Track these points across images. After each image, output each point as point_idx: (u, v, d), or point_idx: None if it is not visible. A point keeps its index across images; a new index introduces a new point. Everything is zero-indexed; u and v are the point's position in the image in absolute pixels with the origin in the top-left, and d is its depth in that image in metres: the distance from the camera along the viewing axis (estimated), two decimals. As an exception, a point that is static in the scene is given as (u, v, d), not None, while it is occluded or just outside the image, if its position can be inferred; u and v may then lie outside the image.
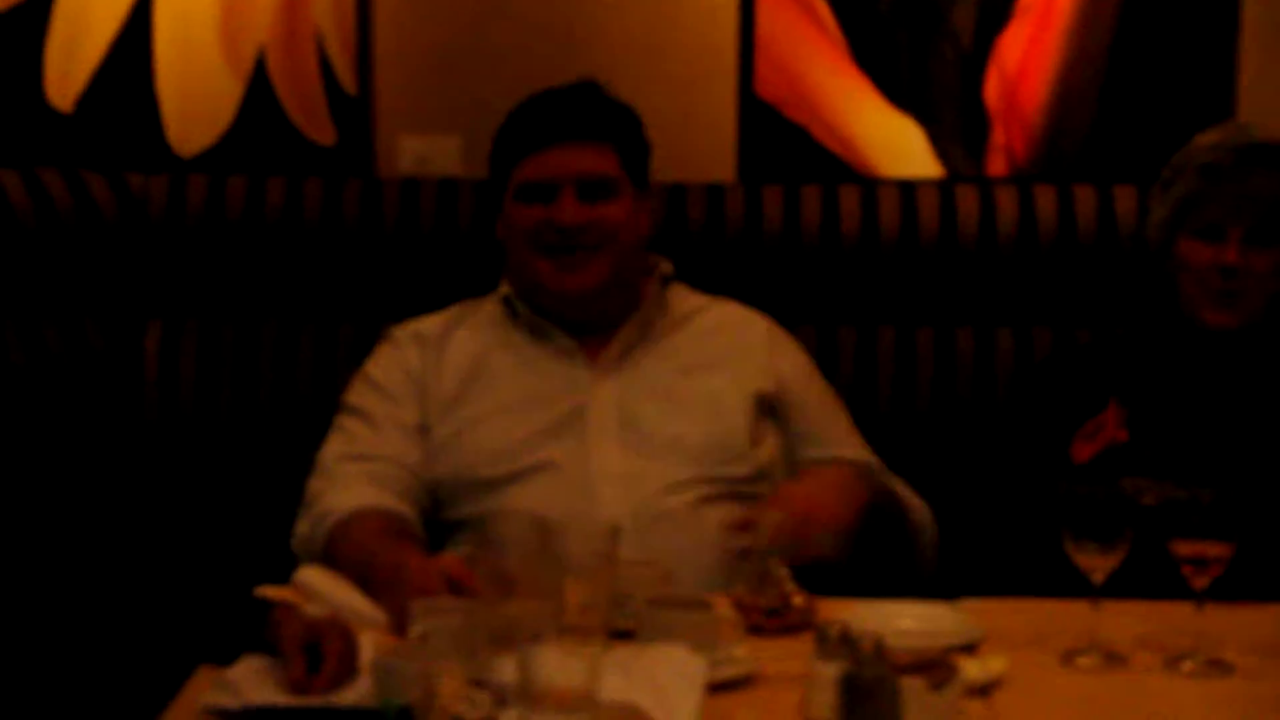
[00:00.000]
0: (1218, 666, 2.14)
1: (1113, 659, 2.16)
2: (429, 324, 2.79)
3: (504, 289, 2.78)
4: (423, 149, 3.36)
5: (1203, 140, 2.72)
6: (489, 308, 2.80)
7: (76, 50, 3.34)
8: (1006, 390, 3.06)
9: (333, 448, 2.66)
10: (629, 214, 2.71)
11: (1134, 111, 3.28)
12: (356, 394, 2.73)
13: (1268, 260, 2.65)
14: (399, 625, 2.15)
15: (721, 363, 2.74)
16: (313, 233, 3.16)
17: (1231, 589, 2.18)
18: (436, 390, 2.71)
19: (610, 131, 2.72)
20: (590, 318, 2.72)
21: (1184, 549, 2.15)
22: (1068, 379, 2.75)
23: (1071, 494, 2.18)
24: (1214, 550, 2.14)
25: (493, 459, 2.63)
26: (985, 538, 2.71)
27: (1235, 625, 2.22)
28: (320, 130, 3.37)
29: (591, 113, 2.72)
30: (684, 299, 2.82)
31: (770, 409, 2.73)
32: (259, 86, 3.35)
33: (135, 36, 3.33)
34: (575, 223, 2.65)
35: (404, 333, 2.79)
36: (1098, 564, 2.15)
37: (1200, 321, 2.67)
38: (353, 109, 3.36)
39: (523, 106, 2.75)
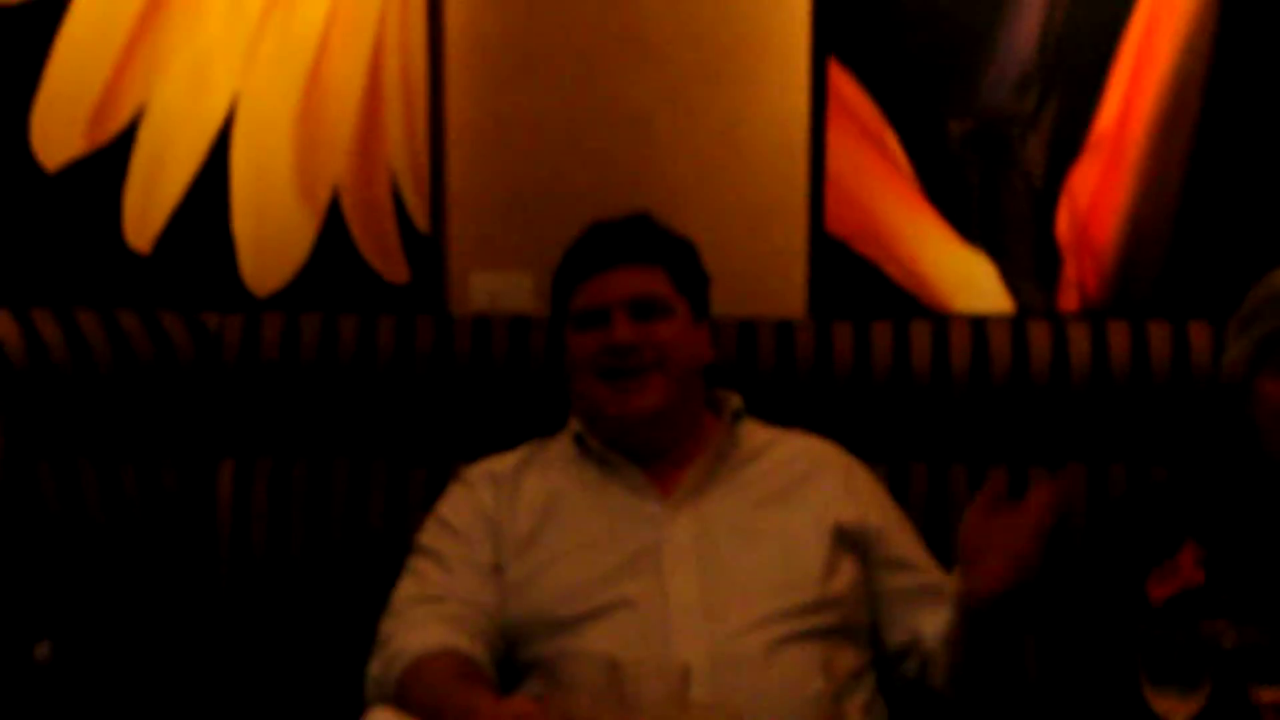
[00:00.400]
0: (1302, 817, 2.11)
1: (1195, 808, 2.14)
2: (502, 464, 2.81)
3: (574, 426, 2.79)
4: (495, 286, 3.39)
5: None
6: (560, 445, 2.81)
7: (155, 191, 3.38)
8: (1082, 529, 3.03)
9: (405, 589, 2.67)
10: (683, 333, 2.73)
11: (1208, 247, 3.28)
12: (429, 535, 2.74)
13: None
14: (472, 771, 2.15)
15: (796, 494, 2.74)
16: (386, 371, 3.17)
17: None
18: (511, 530, 2.71)
19: (660, 255, 2.76)
20: (655, 442, 2.73)
21: (1265, 695, 2.12)
22: (1143, 518, 2.72)
23: (1150, 636, 2.15)
24: (1295, 696, 2.12)
25: (568, 598, 2.63)
26: (1066, 680, 2.69)
27: (1319, 772, 2.20)
28: (394, 268, 3.40)
29: (641, 238, 2.77)
30: (755, 433, 2.83)
31: (850, 541, 2.71)
32: (333, 225, 3.39)
33: (212, 177, 3.38)
34: (628, 341, 2.67)
35: (477, 473, 2.80)
36: (1177, 710, 2.12)
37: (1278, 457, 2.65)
38: (426, 247, 3.39)
39: (577, 240, 2.81)
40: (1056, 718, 2.62)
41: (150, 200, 3.38)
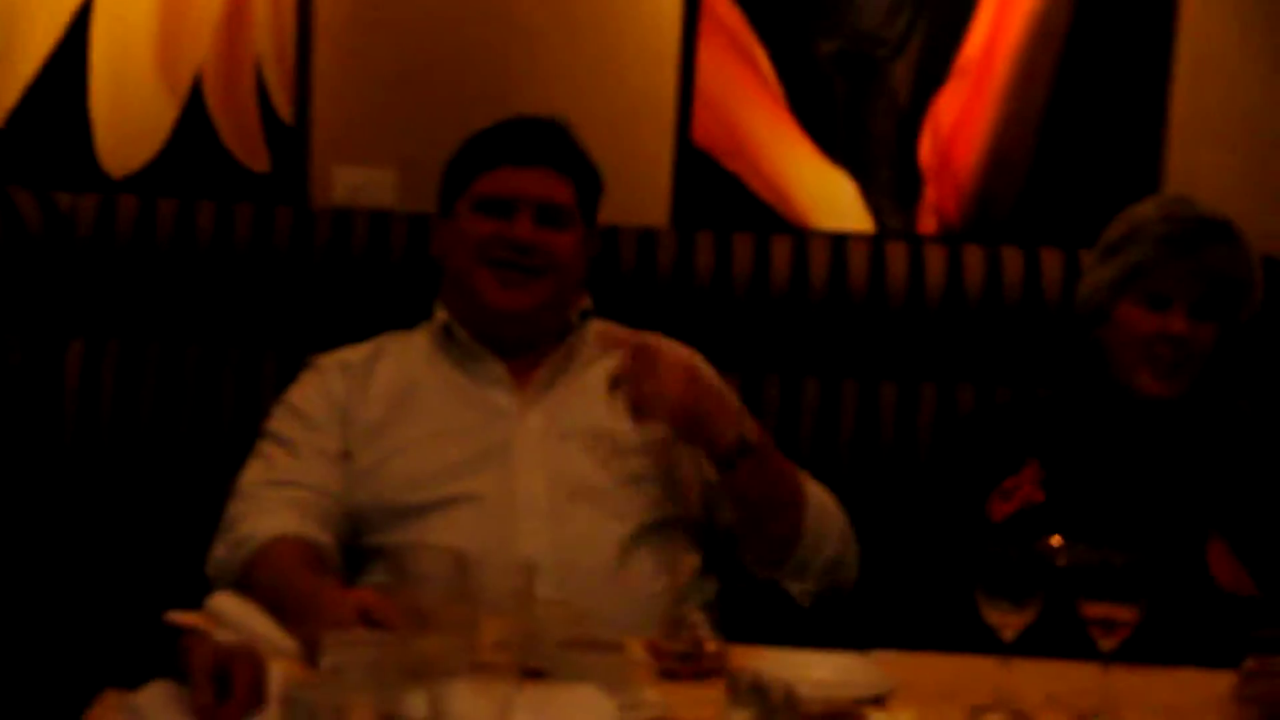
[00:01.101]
0: (1123, 728, 2.17)
1: (1020, 717, 2.16)
2: (354, 353, 2.80)
3: (440, 315, 2.78)
4: (357, 180, 3.37)
5: (1149, 210, 2.75)
6: (419, 337, 2.81)
7: (9, 64, 3.33)
8: (928, 445, 3.09)
9: (253, 473, 2.65)
10: (576, 246, 2.75)
11: (1063, 177, 3.33)
12: (278, 420, 2.72)
13: (1208, 332, 2.69)
14: (311, 656, 2.15)
15: None
16: (242, 259, 3.15)
17: (1137, 652, 2.20)
18: (360, 417, 2.71)
19: (573, 168, 2.77)
20: (521, 339, 2.74)
21: (1093, 611, 2.16)
22: (988, 437, 2.78)
23: (986, 552, 2.19)
24: (1122, 613, 2.15)
25: (414, 486, 2.63)
26: (899, 590, 2.73)
27: (1140, 687, 2.24)
28: (254, 157, 3.37)
29: (561, 146, 2.78)
30: (600, 330, 2.82)
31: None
32: (194, 109, 3.35)
33: (70, 53, 3.32)
34: (529, 240, 2.68)
35: (329, 361, 2.79)
36: (1009, 622, 2.16)
37: (1135, 388, 2.70)
38: (288, 137, 3.36)
39: (496, 125, 2.80)
40: (894, 629, 2.66)
41: (3, 74, 3.33)
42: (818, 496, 2.65)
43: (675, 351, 2.53)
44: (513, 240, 2.69)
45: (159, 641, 2.06)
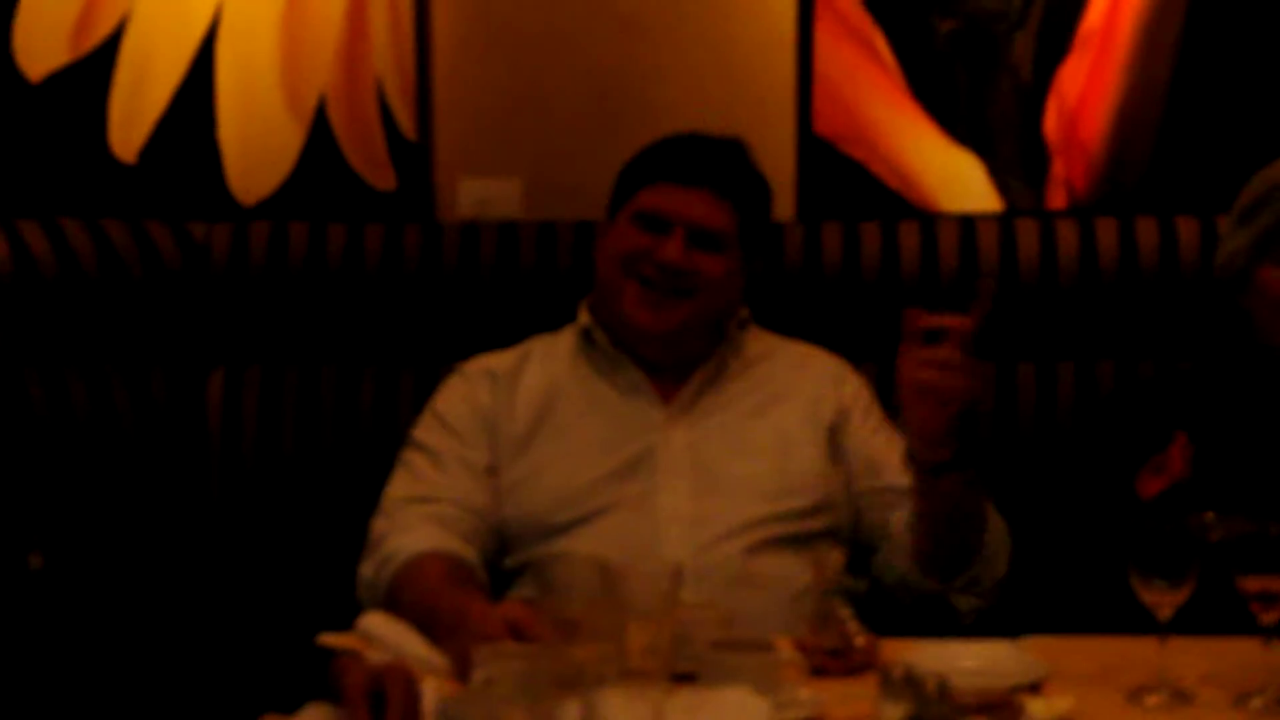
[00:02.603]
0: (1290, 704, 2.13)
1: (1180, 697, 2.14)
2: (500, 360, 2.80)
3: (583, 318, 2.79)
4: (482, 192, 3.38)
5: None
6: (563, 341, 2.81)
7: (140, 100, 3.37)
8: (1069, 425, 3.05)
9: (398, 488, 2.67)
10: (727, 273, 2.72)
11: (1194, 143, 3.28)
12: (424, 430, 2.74)
13: None
14: (462, 671, 2.15)
15: (790, 398, 2.76)
16: (374, 278, 3.17)
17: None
18: (508, 430, 2.72)
19: (738, 191, 2.75)
20: (662, 359, 2.74)
21: (1252, 584, 2.13)
22: (1133, 414, 2.74)
23: (1139, 529, 2.16)
24: (1281, 585, 2.13)
25: (561, 504, 2.64)
26: (1051, 573, 2.70)
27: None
28: (380, 176, 3.39)
29: (729, 168, 2.75)
30: (758, 341, 2.84)
31: (834, 438, 2.74)
32: (320, 133, 3.38)
33: (197, 85, 3.37)
34: (676, 263, 2.67)
35: (475, 368, 2.80)
36: (1164, 600, 2.13)
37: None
38: (412, 154, 3.38)
39: (673, 138, 2.79)
40: (1047, 614, 2.64)
41: (135, 109, 3.38)
42: (995, 515, 2.63)
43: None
44: (660, 260, 2.67)
45: (313, 665, 2.08)
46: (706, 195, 2.70)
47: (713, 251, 2.70)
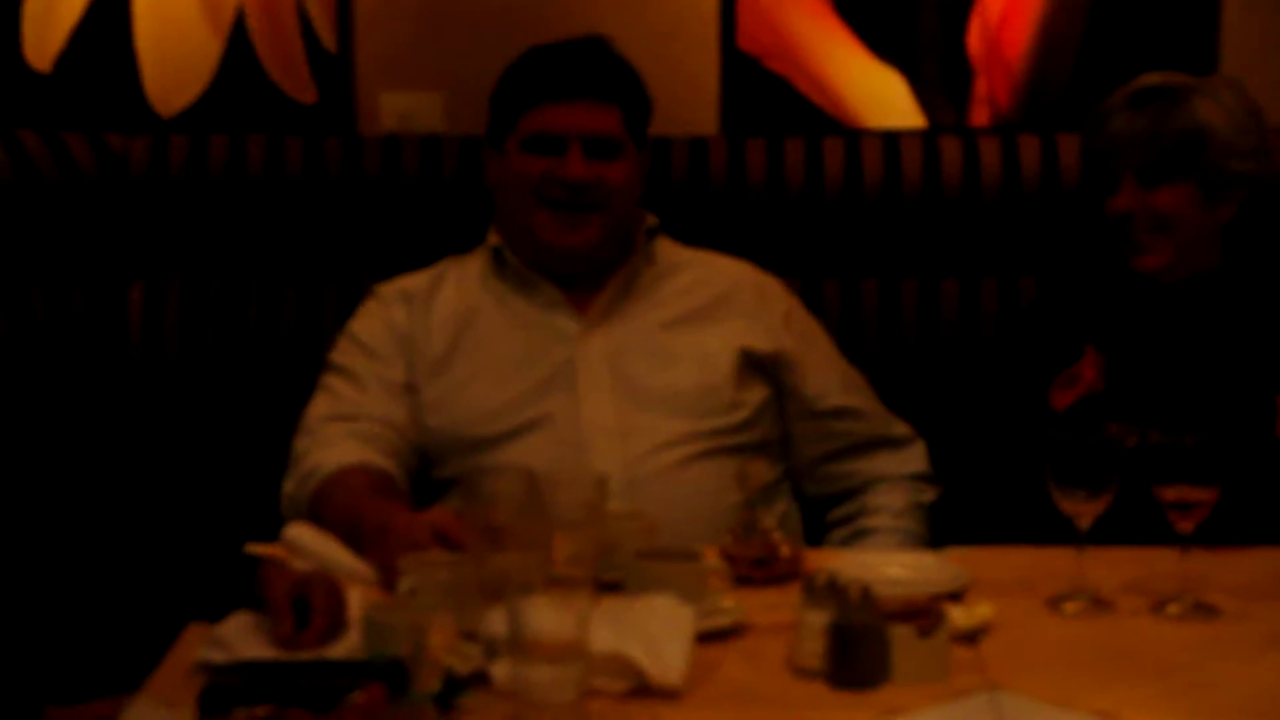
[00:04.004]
0: (1203, 610, 2.16)
1: (1099, 604, 2.18)
2: (415, 281, 2.80)
3: (493, 240, 2.78)
4: (404, 106, 3.36)
5: (1118, 95, 2.72)
6: (475, 261, 2.81)
7: (54, 7, 3.32)
8: (990, 340, 3.07)
9: (318, 407, 2.67)
10: (630, 174, 2.73)
11: (1117, 58, 3.27)
12: (341, 353, 2.74)
13: (1168, 199, 2.65)
14: (387, 580, 2.16)
15: (709, 316, 2.77)
16: (295, 191, 3.15)
17: (1215, 533, 2.20)
18: (425, 348, 2.72)
19: (619, 92, 2.74)
20: (581, 270, 2.74)
21: (1169, 494, 2.17)
22: (1047, 328, 2.77)
23: (1058, 440, 2.19)
24: (1198, 494, 2.16)
25: (485, 418, 2.65)
26: (971, 486, 2.73)
27: (1220, 568, 2.25)
28: (301, 88, 3.37)
29: (604, 71, 2.74)
30: (669, 252, 2.84)
31: (763, 366, 2.75)
32: (239, 45, 3.35)
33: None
34: (581, 179, 2.67)
35: (390, 290, 2.80)
36: (1083, 510, 2.17)
37: (1134, 268, 2.69)
38: (333, 67, 3.35)
39: (535, 56, 2.76)
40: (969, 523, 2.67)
41: (49, 17, 3.33)
42: None
43: None
44: (565, 179, 2.67)
45: (239, 574, 2.09)
46: (590, 104, 2.70)
47: (611, 158, 2.70)
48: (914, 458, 2.83)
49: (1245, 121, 2.69)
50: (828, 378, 2.80)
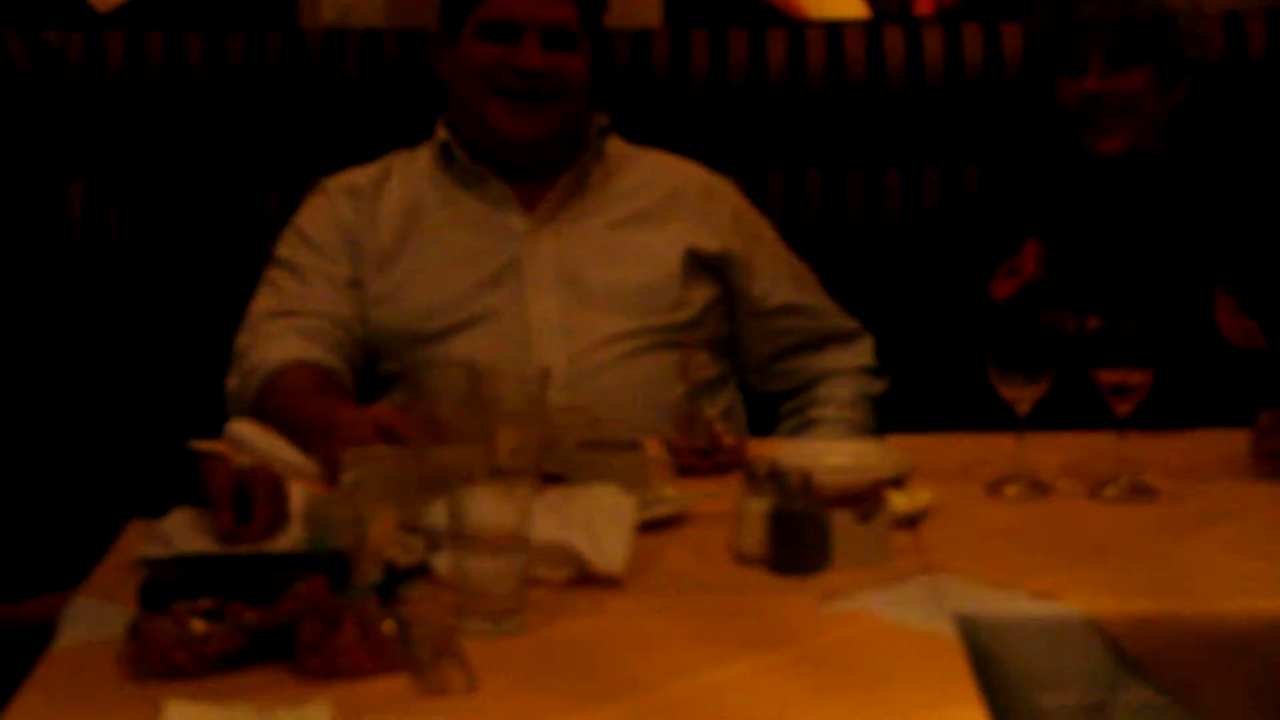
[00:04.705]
0: (1140, 491, 2.20)
1: (1038, 488, 2.22)
2: (361, 175, 2.80)
3: (441, 134, 2.77)
4: (348, 1, 3.33)
5: None
6: (422, 156, 2.81)
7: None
8: (932, 229, 3.08)
9: (261, 303, 2.68)
10: (584, 67, 2.72)
11: None
12: (286, 247, 2.74)
13: (1134, 80, 2.67)
14: (330, 475, 2.18)
15: (656, 216, 2.77)
16: (235, 86, 3.13)
17: (1153, 416, 2.23)
18: (371, 243, 2.72)
19: None
20: (531, 165, 2.74)
21: (1107, 377, 2.20)
22: (988, 218, 2.79)
23: (996, 327, 2.22)
24: (1135, 378, 2.19)
25: (430, 313, 2.66)
26: (913, 373, 2.76)
27: (1156, 451, 2.28)
28: (241, -19, 3.34)
29: None
30: (619, 151, 2.84)
31: (710, 266, 2.76)
32: (178, -62, 3.32)
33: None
34: (537, 68, 2.65)
35: (336, 184, 2.79)
36: (1023, 395, 2.20)
37: (1092, 151, 2.70)
38: (274, -41, 3.33)
39: None
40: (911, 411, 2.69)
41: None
42: None
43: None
44: (521, 67, 2.66)
45: (182, 470, 2.09)
46: None
47: (567, 49, 2.69)
48: (862, 351, 2.84)
49: (1196, 7, 2.72)
50: (775, 276, 2.81)
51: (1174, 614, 1.88)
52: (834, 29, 3.17)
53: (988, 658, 1.82)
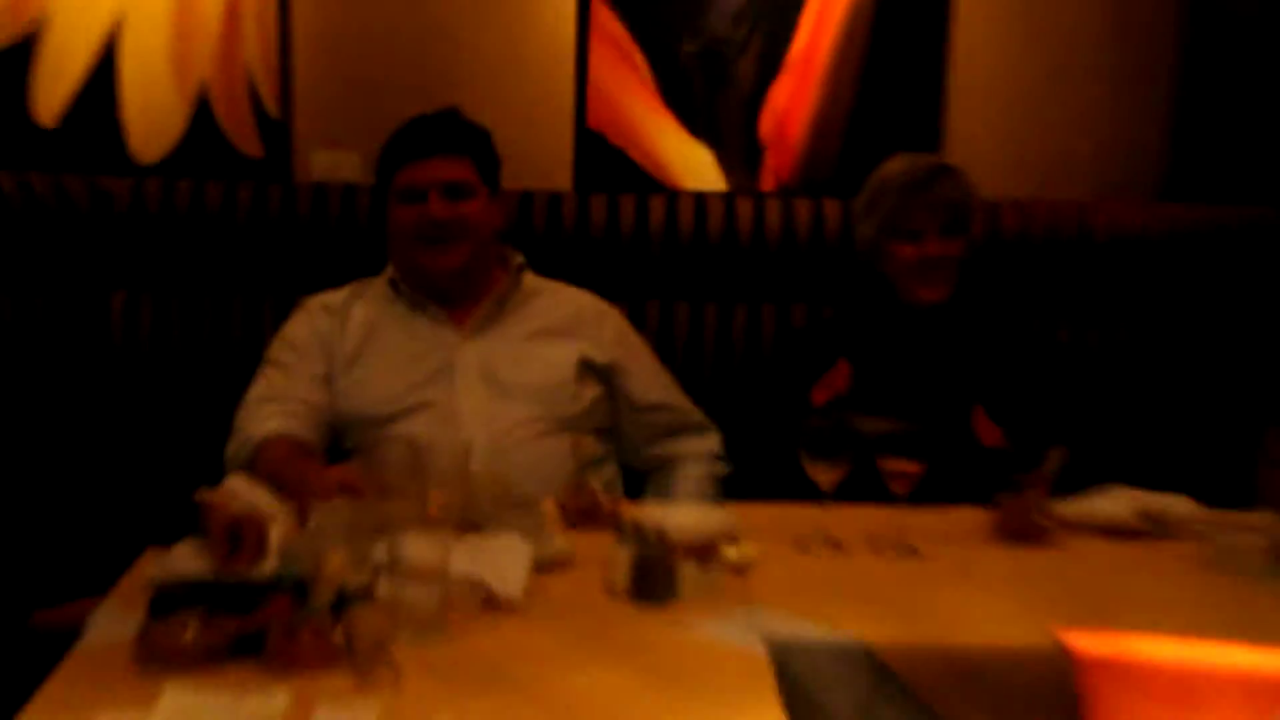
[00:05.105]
0: (909, 551, 2.23)
1: (835, 546, 2.25)
2: (333, 297, 2.79)
3: (389, 272, 2.78)
4: (330, 161, 3.35)
5: (892, 167, 2.76)
6: (378, 285, 2.80)
7: (58, 78, 3.30)
8: (772, 353, 3.10)
9: (255, 390, 2.67)
10: (482, 210, 2.70)
11: (871, 143, 3.32)
12: (275, 350, 2.74)
13: (956, 247, 2.72)
14: (301, 520, 2.16)
15: (558, 332, 2.77)
16: (244, 226, 3.13)
17: (923, 496, 2.28)
18: (340, 349, 2.72)
19: (467, 147, 2.71)
20: (455, 290, 2.73)
21: (889, 465, 2.24)
22: (811, 344, 2.80)
23: (809, 425, 2.25)
24: (910, 467, 2.24)
25: (382, 402, 2.66)
26: (748, 458, 2.77)
27: (925, 522, 2.31)
28: (250, 145, 3.35)
29: (453, 132, 2.71)
30: (531, 281, 2.83)
31: (597, 371, 2.76)
32: (202, 111, 3.33)
33: (104, 69, 3.30)
34: (442, 218, 2.65)
35: (314, 303, 2.79)
36: (826, 477, 2.23)
37: (915, 300, 2.72)
38: (275, 129, 3.35)
39: (400, 129, 2.73)
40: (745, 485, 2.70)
41: (55, 84, 3.31)
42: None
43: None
44: (430, 220, 2.65)
45: (190, 513, 2.08)
46: (442, 158, 2.67)
47: (466, 198, 2.68)
48: (711, 441, 2.84)
49: (977, 194, 2.77)
50: (648, 382, 2.82)
51: (930, 643, 1.90)
52: (700, 197, 3.20)
53: (787, 672, 1.83)
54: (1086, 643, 1.29)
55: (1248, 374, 3.08)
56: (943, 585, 2.11)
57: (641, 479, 2.82)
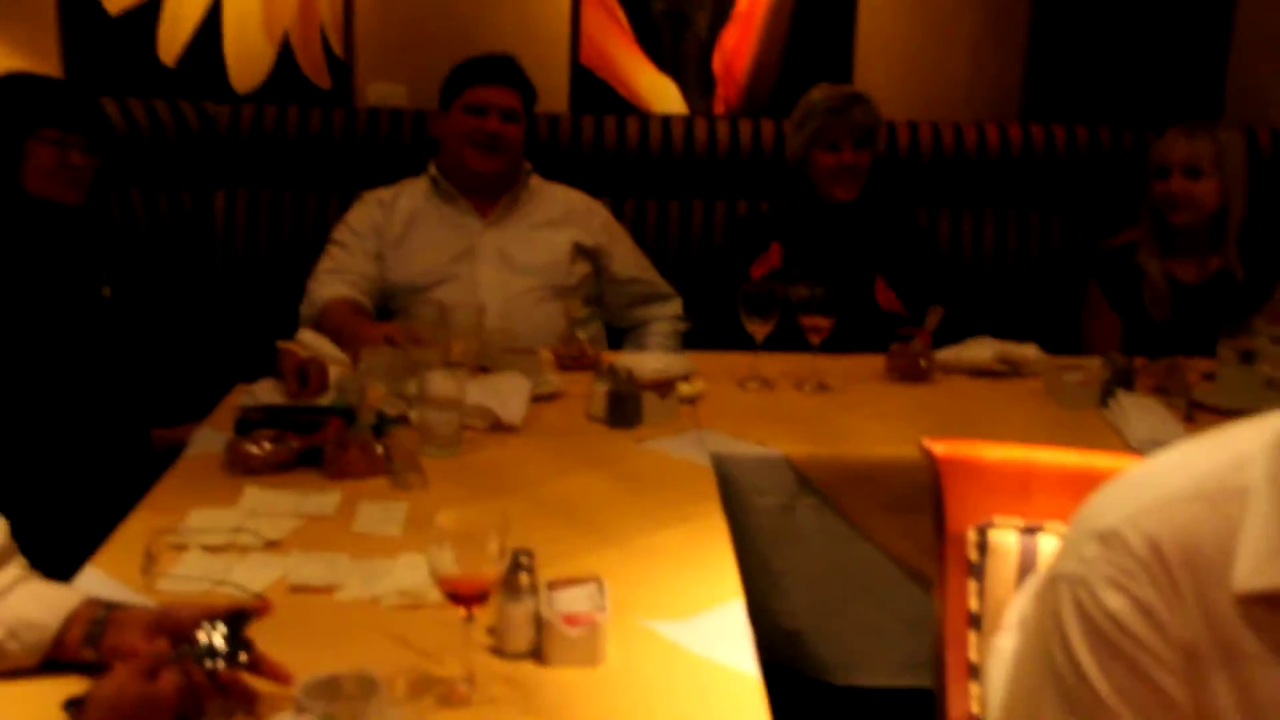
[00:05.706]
0: (822, 387, 2.21)
1: (766, 384, 2.22)
2: (385, 193, 2.71)
3: (432, 171, 2.69)
4: (383, 91, 3.21)
5: (817, 94, 2.69)
6: (420, 183, 2.72)
7: (177, 28, 3.15)
8: (720, 239, 3.03)
9: (323, 264, 2.61)
10: (522, 133, 2.65)
11: (798, 77, 3.18)
12: (339, 232, 2.67)
13: (866, 157, 2.66)
14: (354, 362, 2.13)
15: (557, 222, 2.70)
16: (315, 140, 3.03)
17: (832, 346, 2.24)
18: (388, 233, 2.64)
19: (521, 84, 2.65)
20: (485, 187, 2.66)
21: (807, 321, 2.20)
22: (752, 230, 2.75)
23: (748, 291, 2.21)
24: (823, 322, 2.20)
25: (420, 274, 2.59)
26: (703, 318, 2.73)
27: (834, 366, 2.28)
28: (321, 79, 3.21)
29: (514, 71, 2.66)
30: (537, 183, 2.75)
31: (586, 253, 2.69)
32: (285, 53, 3.19)
33: (211, 22, 3.15)
34: (496, 132, 2.59)
35: (370, 197, 2.71)
36: (760, 330, 2.20)
37: (831, 197, 2.66)
38: (340, 67, 3.20)
39: (474, 59, 2.66)
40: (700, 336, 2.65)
41: (174, 33, 3.15)
42: None
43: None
44: (487, 132, 2.59)
45: (270, 357, 2.04)
46: (505, 89, 2.62)
47: (513, 122, 2.62)
48: (675, 305, 2.80)
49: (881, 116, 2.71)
50: (625, 261, 2.75)
51: (836, 454, 1.90)
52: (666, 119, 3.11)
53: (726, 478, 1.82)
54: (945, 449, 1.26)
55: (1076, 249, 3.02)
56: (847, 412, 2.10)
57: (620, 335, 2.79)
